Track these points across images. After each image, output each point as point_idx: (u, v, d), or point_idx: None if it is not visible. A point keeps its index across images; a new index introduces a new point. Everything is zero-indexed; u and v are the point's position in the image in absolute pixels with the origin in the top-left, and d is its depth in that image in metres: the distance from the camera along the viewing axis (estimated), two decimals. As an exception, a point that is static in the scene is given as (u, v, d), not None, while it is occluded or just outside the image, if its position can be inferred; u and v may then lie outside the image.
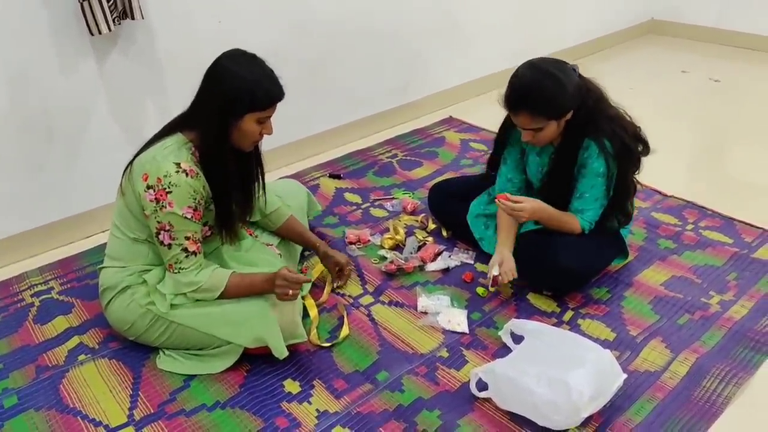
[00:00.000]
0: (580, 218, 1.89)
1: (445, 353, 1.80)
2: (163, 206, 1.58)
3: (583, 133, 1.80)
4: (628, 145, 1.81)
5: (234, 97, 1.56)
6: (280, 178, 2.53)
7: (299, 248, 2.18)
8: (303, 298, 1.95)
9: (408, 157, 2.97)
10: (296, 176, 2.79)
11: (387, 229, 2.36)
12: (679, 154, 2.94)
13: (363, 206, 2.57)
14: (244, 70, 1.58)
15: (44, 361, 1.83)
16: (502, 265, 1.92)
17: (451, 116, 3.37)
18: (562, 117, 1.77)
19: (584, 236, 1.91)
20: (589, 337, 1.81)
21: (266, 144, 2.80)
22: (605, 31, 4.32)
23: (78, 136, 2.31)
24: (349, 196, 2.65)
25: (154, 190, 1.57)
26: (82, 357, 1.83)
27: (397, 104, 3.24)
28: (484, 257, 2.16)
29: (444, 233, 2.32)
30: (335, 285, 2.05)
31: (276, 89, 1.62)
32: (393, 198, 2.61)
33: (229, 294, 1.68)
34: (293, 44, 2.74)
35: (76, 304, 2.06)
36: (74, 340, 1.89)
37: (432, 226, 2.37)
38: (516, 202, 1.85)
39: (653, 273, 2.11)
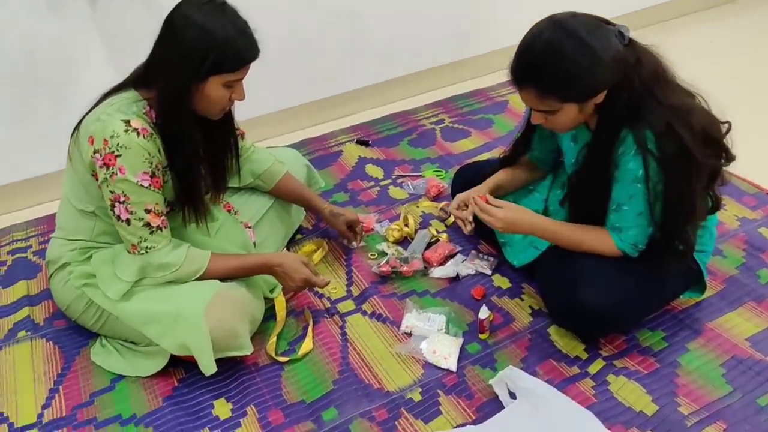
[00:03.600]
0: (616, 237, 1.37)
1: (417, 395, 1.39)
2: (113, 173, 1.32)
3: (623, 121, 1.28)
4: (684, 146, 1.24)
5: (196, 55, 1.27)
6: (285, 146, 2.16)
7: (289, 230, 1.84)
8: (273, 297, 1.63)
9: (456, 125, 2.48)
10: (320, 139, 2.42)
11: (398, 216, 1.93)
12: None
13: (382, 183, 2.15)
14: (210, 21, 1.27)
15: (-14, 332, 1.66)
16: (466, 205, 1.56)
17: (523, 76, 2.78)
18: (586, 99, 1.26)
19: (628, 260, 1.39)
20: (618, 405, 1.32)
21: (289, 100, 2.48)
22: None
23: (68, 85, 2.07)
24: (371, 169, 2.23)
25: (101, 155, 1.31)
26: (22, 333, 1.64)
27: (454, 58, 2.71)
28: (507, 268, 1.68)
29: (468, 229, 1.85)
30: (351, 244, 1.82)
31: (249, 47, 1.32)
32: (420, 176, 2.16)
33: (208, 278, 1.44)
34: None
35: (44, 267, 1.88)
36: (24, 312, 1.70)
37: (452, 219, 1.90)
38: (494, 206, 1.43)
39: (739, 319, 1.52)
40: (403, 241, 1.84)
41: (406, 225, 1.86)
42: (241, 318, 1.43)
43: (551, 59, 1.23)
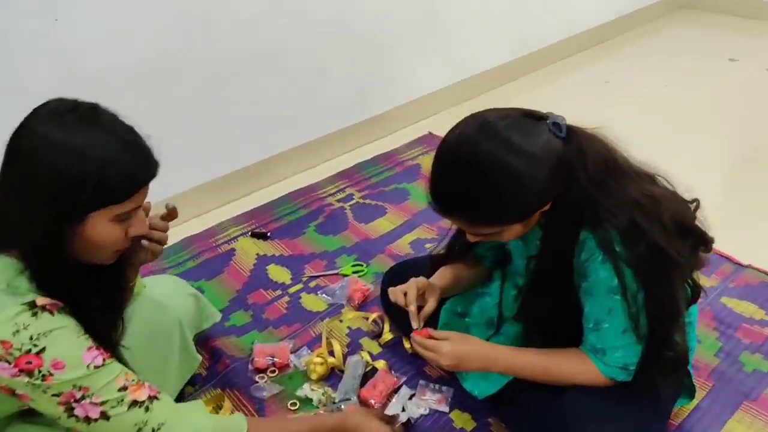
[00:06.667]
0: (599, 362, 1.11)
1: None
2: (45, 375, 0.89)
3: (579, 222, 1.05)
4: (657, 246, 1.01)
5: (64, 188, 0.88)
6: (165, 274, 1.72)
7: (175, 387, 1.37)
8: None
9: (367, 200, 2.13)
10: (205, 236, 1.97)
11: (319, 339, 1.54)
12: (749, 184, 2.11)
13: (291, 290, 1.74)
14: (79, 138, 0.89)
15: None
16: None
17: (430, 132, 2.52)
18: (525, 218, 1.04)
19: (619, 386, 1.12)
20: None
21: (165, 191, 2.03)
22: (629, 7, 3.42)
23: None
24: (274, 271, 1.82)
25: (10, 363, 0.88)
26: None
27: (353, 120, 2.39)
28: (467, 400, 1.35)
29: (407, 346, 1.50)
30: None
31: (141, 163, 0.94)
32: (337, 274, 1.78)
33: None
34: (190, 48, 1.88)
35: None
36: None
37: (388, 335, 1.54)
38: (437, 339, 1.16)
39: (741, 428, 1.29)
40: (331, 375, 1.45)
41: (331, 353, 1.48)
42: None
43: (481, 183, 0.98)
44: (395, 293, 1.24)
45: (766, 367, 1.42)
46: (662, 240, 1.01)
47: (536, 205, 1.02)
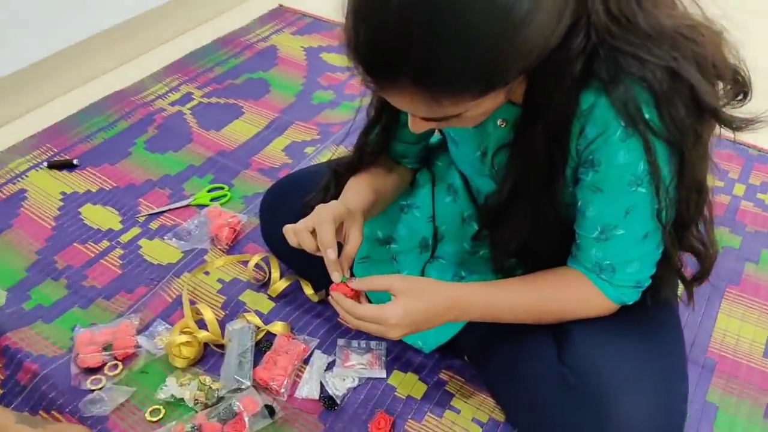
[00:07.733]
0: (604, 284, 0.77)
1: None
2: None
3: (581, 81, 0.66)
4: (704, 105, 0.66)
5: None
6: None
7: None
8: None
9: (213, 98, 1.58)
10: (-24, 174, 1.32)
11: (179, 305, 1.05)
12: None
13: (124, 237, 1.20)
14: None
15: None
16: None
17: (281, 5, 1.95)
18: (515, 79, 0.62)
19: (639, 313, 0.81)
20: None
21: None
22: None
23: None
24: (94, 214, 1.25)
25: None
26: None
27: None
28: (406, 353, 0.97)
29: (309, 293, 1.06)
30: None
31: None
32: (189, 205, 1.26)
33: None
34: None
35: None
36: None
37: (281, 282, 1.08)
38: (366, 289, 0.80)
39: (735, 323, 1.06)
40: (206, 356, 0.98)
41: (200, 322, 1.00)
42: None
43: (452, 25, 0.54)
44: (299, 234, 0.78)
45: (736, 243, 1.20)
46: (710, 95, 0.66)
47: (535, 56, 0.60)
